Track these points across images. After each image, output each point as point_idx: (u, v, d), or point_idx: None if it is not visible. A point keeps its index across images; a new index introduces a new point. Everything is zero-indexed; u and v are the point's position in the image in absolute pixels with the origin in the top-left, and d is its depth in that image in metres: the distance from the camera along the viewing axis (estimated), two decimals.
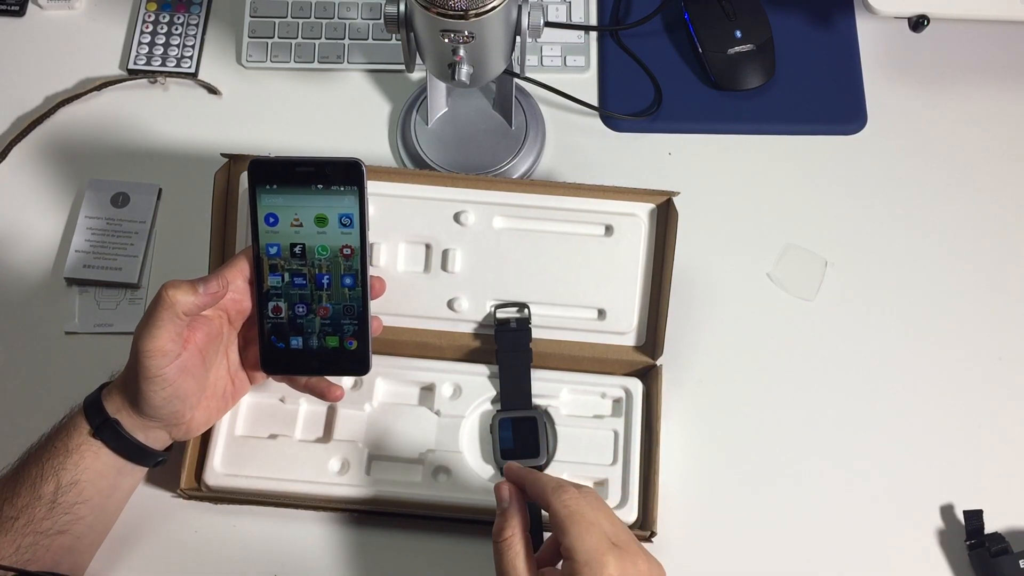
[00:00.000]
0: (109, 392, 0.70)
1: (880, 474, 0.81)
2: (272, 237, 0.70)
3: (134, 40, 0.97)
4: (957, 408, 0.83)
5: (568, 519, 0.61)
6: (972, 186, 0.92)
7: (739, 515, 0.79)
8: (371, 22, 0.97)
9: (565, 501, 0.62)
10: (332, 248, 0.70)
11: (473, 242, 0.79)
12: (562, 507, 0.62)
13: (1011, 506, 0.79)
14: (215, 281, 0.68)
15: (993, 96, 0.95)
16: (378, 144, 0.93)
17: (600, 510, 0.63)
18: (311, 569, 0.77)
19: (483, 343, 0.81)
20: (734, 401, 0.83)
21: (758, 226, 0.90)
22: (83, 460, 0.69)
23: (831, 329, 0.86)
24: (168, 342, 0.66)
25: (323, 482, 0.77)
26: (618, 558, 0.60)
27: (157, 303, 0.66)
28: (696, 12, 0.96)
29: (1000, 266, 0.89)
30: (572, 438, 0.79)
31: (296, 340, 0.72)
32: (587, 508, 0.62)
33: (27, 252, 0.89)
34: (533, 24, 0.77)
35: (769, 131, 0.94)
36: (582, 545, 0.60)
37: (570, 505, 0.62)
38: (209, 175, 0.78)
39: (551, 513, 0.62)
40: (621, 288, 0.79)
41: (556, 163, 0.92)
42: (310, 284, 0.71)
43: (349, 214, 0.69)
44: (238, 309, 0.71)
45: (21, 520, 0.67)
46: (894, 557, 0.78)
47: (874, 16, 0.91)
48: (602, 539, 0.61)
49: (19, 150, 0.93)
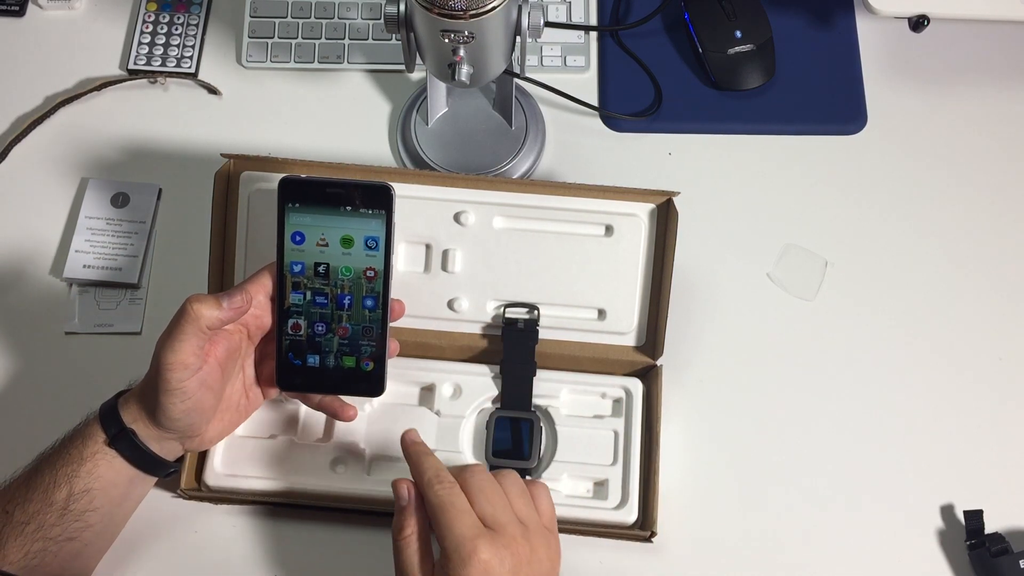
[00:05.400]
0: (126, 401, 0.70)
1: (880, 474, 0.81)
2: (297, 255, 0.70)
3: (134, 40, 0.97)
4: (957, 408, 0.83)
5: (437, 510, 0.62)
6: (972, 186, 0.92)
7: (739, 515, 0.79)
8: (371, 22, 0.97)
9: (436, 492, 0.63)
10: (356, 269, 0.70)
11: (473, 242, 0.79)
12: (433, 498, 0.63)
13: (1011, 506, 0.79)
14: (239, 296, 0.68)
15: (993, 96, 0.95)
16: (378, 144, 0.93)
17: (482, 492, 0.63)
18: (311, 569, 0.77)
19: (484, 343, 0.81)
20: (734, 401, 0.83)
21: (758, 226, 0.90)
22: (97, 468, 0.69)
23: (831, 329, 0.86)
24: (190, 355, 0.66)
25: (323, 482, 0.77)
26: (491, 542, 0.60)
27: (181, 316, 0.66)
28: (696, 12, 0.96)
29: (1000, 266, 0.89)
30: (572, 438, 0.79)
31: (313, 358, 0.72)
32: (457, 497, 0.62)
33: (27, 252, 0.89)
34: (533, 24, 0.77)
35: (769, 131, 0.94)
36: (449, 534, 0.61)
37: (440, 495, 0.62)
38: (209, 175, 0.78)
39: (426, 505, 0.63)
40: (621, 288, 0.79)
41: (556, 163, 0.92)
42: (331, 304, 0.71)
43: (375, 237, 0.69)
44: (258, 325, 0.71)
45: (32, 525, 0.67)
46: (894, 557, 0.78)
47: (874, 16, 0.91)
48: (472, 525, 0.61)
49: (19, 150, 0.93)
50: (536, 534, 0.63)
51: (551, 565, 0.64)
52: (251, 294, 0.69)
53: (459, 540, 0.60)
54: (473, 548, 0.60)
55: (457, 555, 0.60)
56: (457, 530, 0.61)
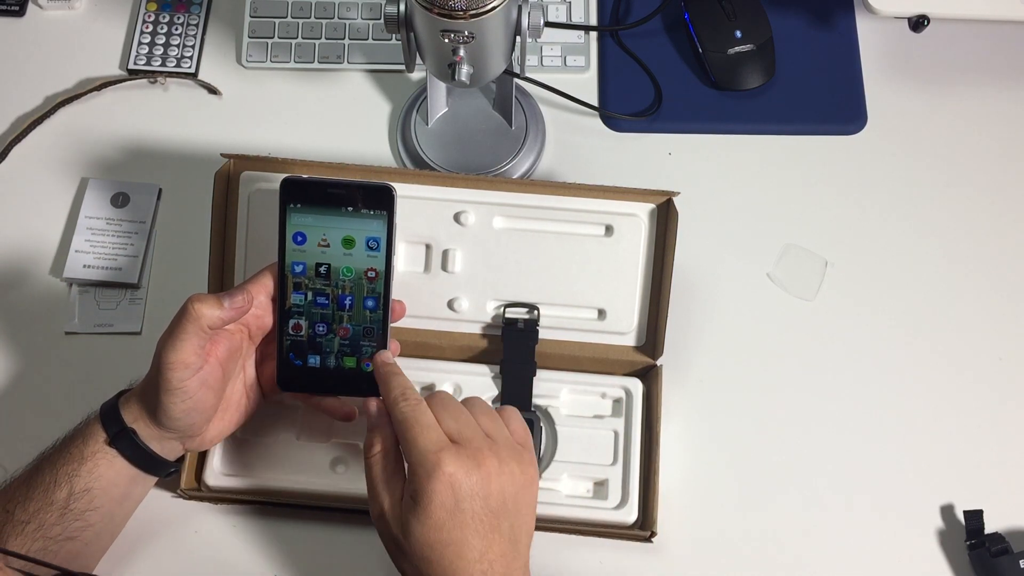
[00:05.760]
0: (127, 400, 0.70)
1: (880, 474, 0.81)
2: (299, 256, 0.70)
3: (134, 40, 0.97)
4: (957, 408, 0.83)
5: (402, 425, 0.62)
6: (972, 186, 0.92)
7: (739, 514, 0.79)
8: (371, 22, 0.97)
9: (401, 408, 0.63)
10: (357, 270, 0.70)
11: (473, 242, 0.79)
12: (398, 414, 0.63)
13: (1011, 506, 0.79)
14: (240, 296, 0.68)
15: (993, 96, 0.95)
16: (378, 144, 0.93)
17: (446, 409, 0.63)
18: (311, 569, 0.77)
19: (484, 343, 0.81)
20: (734, 401, 0.83)
21: (758, 226, 0.90)
22: (97, 468, 0.69)
23: (831, 329, 0.86)
24: (191, 355, 0.66)
25: (323, 482, 0.77)
26: (455, 454, 0.60)
27: (182, 315, 0.66)
28: (696, 12, 0.96)
29: (1000, 266, 0.89)
30: (572, 438, 0.79)
31: (314, 358, 0.72)
32: (422, 413, 0.62)
33: (27, 252, 0.89)
34: (533, 24, 0.77)
35: (769, 131, 0.94)
36: (414, 449, 0.61)
37: (405, 411, 0.62)
38: (209, 175, 0.78)
39: (392, 422, 0.63)
40: (621, 288, 0.79)
41: (556, 163, 0.92)
42: (332, 304, 0.71)
43: (377, 238, 0.69)
44: (259, 325, 0.71)
45: (32, 524, 0.67)
46: (894, 557, 0.78)
47: (874, 16, 0.91)
48: (436, 440, 0.61)
49: (19, 150, 0.93)
50: (505, 448, 0.63)
51: (525, 479, 0.63)
52: (252, 294, 0.69)
53: (423, 454, 0.60)
54: (437, 460, 0.60)
55: (422, 468, 0.60)
56: (421, 444, 0.60)
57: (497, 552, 0.61)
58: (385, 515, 0.62)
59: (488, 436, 0.63)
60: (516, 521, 0.62)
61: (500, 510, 0.61)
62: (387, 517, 0.62)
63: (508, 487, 0.61)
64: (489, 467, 0.61)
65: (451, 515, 0.59)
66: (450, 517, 0.59)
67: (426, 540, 0.60)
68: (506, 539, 0.61)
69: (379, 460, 0.64)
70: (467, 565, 0.60)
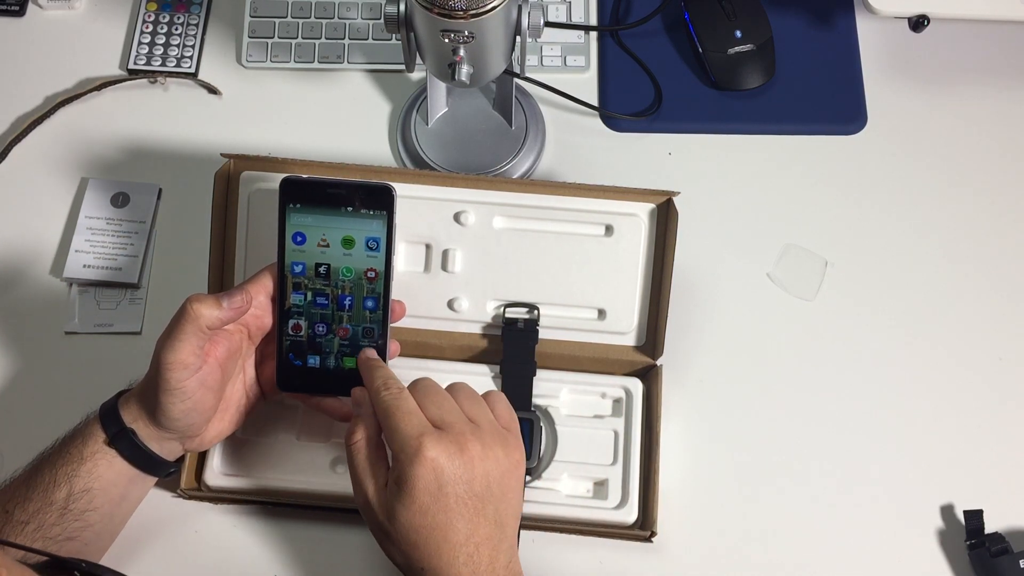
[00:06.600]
0: (126, 401, 0.70)
1: (880, 474, 0.81)
2: (298, 256, 0.70)
3: (134, 40, 0.97)
4: (957, 408, 0.83)
5: (384, 414, 0.62)
6: (972, 186, 0.92)
7: (739, 515, 0.79)
8: (371, 22, 0.97)
9: (383, 396, 0.63)
10: (357, 270, 0.70)
11: (473, 242, 0.79)
12: (380, 402, 0.63)
13: (1011, 506, 0.79)
14: (239, 296, 0.68)
15: (993, 96, 0.95)
16: (378, 144, 0.93)
17: (428, 396, 0.63)
18: (311, 569, 0.77)
19: (484, 343, 0.81)
20: (734, 401, 0.83)
21: (758, 226, 0.90)
22: (96, 468, 0.69)
23: (831, 329, 0.86)
24: (190, 355, 0.66)
25: (323, 482, 0.77)
26: (437, 439, 0.60)
27: (181, 316, 0.66)
28: (696, 12, 0.96)
29: (1000, 266, 0.89)
30: (572, 438, 0.79)
31: (314, 359, 0.72)
32: (404, 400, 0.63)
33: (27, 252, 0.89)
34: (533, 24, 0.77)
35: (769, 131, 0.94)
36: (396, 435, 0.61)
37: (387, 399, 0.63)
38: (209, 175, 0.78)
39: (375, 410, 0.64)
40: (621, 288, 0.79)
41: (556, 163, 0.92)
42: (332, 304, 0.71)
43: (376, 238, 0.70)
44: (259, 325, 0.71)
45: (32, 525, 0.67)
46: (894, 557, 0.78)
47: (874, 16, 0.91)
48: (418, 425, 0.61)
49: (19, 150, 0.93)
50: (489, 433, 0.63)
51: (510, 463, 0.63)
52: (252, 294, 0.69)
53: (405, 439, 0.60)
54: (419, 445, 0.60)
55: (404, 454, 0.60)
56: (403, 430, 0.61)
57: (483, 535, 0.61)
58: (370, 502, 0.63)
59: (472, 421, 0.63)
60: (501, 505, 0.62)
61: (485, 494, 0.61)
62: (372, 504, 0.63)
63: (493, 471, 0.62)
64: (472, 451, 0.61)
65: (435, 499, 0.60)
66: (434, 501, 0.60)
67: (411, 525, 0.60)
68: (492, 522, 0.62)
69: (362, 448, 0.64)
70: (452, 548, 0.60)
